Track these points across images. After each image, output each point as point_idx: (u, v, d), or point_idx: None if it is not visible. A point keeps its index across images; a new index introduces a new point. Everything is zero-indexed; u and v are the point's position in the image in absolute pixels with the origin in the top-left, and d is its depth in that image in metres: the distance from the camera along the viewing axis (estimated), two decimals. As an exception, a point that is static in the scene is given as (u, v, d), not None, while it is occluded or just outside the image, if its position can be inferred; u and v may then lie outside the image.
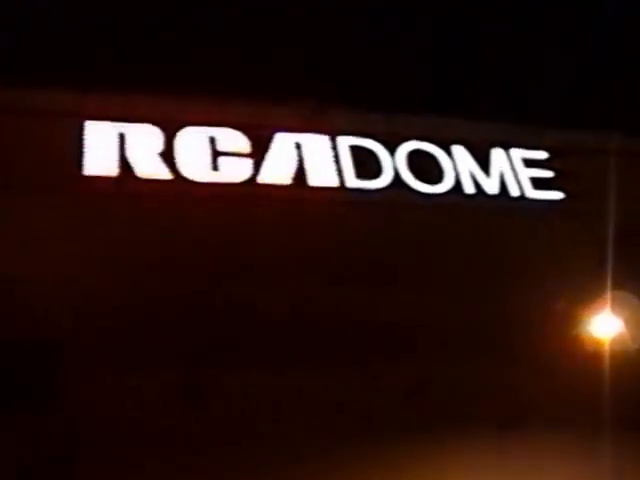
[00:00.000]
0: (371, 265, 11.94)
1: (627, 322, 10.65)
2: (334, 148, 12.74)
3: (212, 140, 12.13)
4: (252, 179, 11.98)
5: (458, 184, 13.14)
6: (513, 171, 13.64)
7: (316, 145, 12.65)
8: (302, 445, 9.91)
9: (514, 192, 13.42)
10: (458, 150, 13.47)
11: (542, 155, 14.07)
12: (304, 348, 10.88)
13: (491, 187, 13.31)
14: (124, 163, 11.44)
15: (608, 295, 10.74)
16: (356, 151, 12.85)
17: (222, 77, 12.49)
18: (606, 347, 10.38)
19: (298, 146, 12.53)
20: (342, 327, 11.40)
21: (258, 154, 12.23)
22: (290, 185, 12.13)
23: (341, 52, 13.32)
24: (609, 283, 11.29)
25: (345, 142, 12.87)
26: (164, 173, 11.58)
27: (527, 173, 13.78)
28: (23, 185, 10.84)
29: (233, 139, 12.20)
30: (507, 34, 14.17)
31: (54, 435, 9.52)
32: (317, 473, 9.66)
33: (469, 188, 13.15)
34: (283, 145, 12.41)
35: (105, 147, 11.45)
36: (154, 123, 11.93)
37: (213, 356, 10.52)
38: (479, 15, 14.13)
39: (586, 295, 11.78)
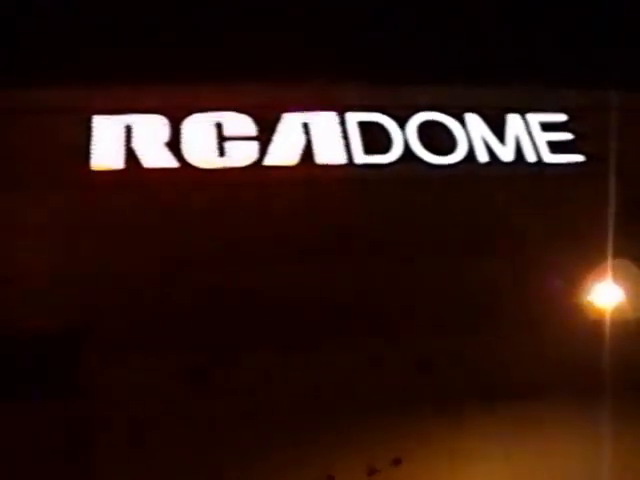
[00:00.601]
0: (380, 241, 11.96)
1: (628, 291, 10.40)
2: (342, 125, 12.76)
3: (219, 125, 12.30)
4: (258, 162, 12.11)
5: (471, 153, 13.00)
6: (530, 136, 13.38)
7: (324, 123, 12.62)
8: (306, 423, 10.10)
9: (531, 158, 13.20)
10: (471, 118, 13.28)
11: (561, 118, 13.78)
12: (314, 328, 11.03)
13: (506, 154, 13.14)
14: (130, 155, 11.72)
15: (609, 263, 10.49)
16: (365, 126, 12.82)
17: (228, 60, 12.60)
18: (607, 316, 10.17)
19: (305, 126, 12.58)
20: (352, 305, 11.49)
21: (265, 136, 12.36)
22: (297, 165, 12.21)
23: (348, 24, 13.25)
24: (613, 250, 11.04)
25: (354, 118, 12.86)
26: (170, 162, 11.81)
27: (545, 137, 13.47)
28: (35, 182, 11.22)
29: (240, 123, 12.29)
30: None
31: (71, 418, 9.95)
32: (318, 452, 9.88)
33: (483, 157, 13.00)
34: (290, 126, 12.44)
35: (112, 140, 11.75)
36: (161, 112, 12.13)
37: (223, 339, 10.78)
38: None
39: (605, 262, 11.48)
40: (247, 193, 11.85)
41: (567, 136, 13.52)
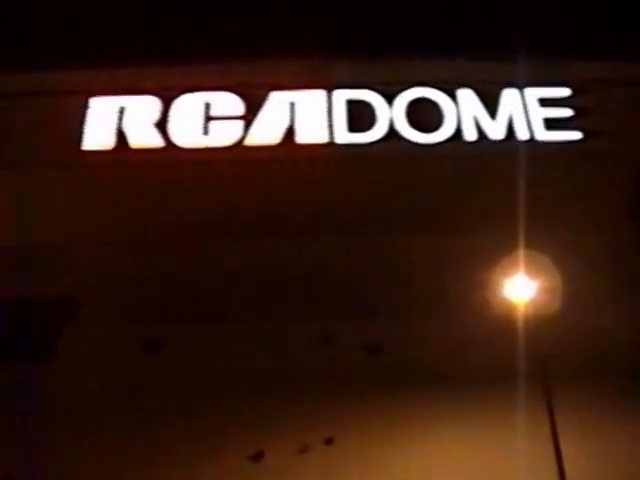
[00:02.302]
0: (349, 219, 12.31)
1: (542, 285, 10.25)
2: (329, 103, 13.02)
3: (207, 105, 12.90)
4: (240, 141, 12.65)
5: (459, 131, 12.92)
6: (525, 112, 13.08)
7: (311, 102, 12.94)
8: (246, 398, 10.80)
9: (522, 135, 12.93)
10: (464, 94, 13.13)
11: (563, 92, 13.32)
12: (268, 305, 11.70)
13: (496, 132, 12.93)
14: (120, 136, 12.57)
15: (522, 258, 10.34)
16: (352, 104, 13.01)
17: (220, 40, 13.11)
18: (523, 310, 10.09)
19: (292, 105, 12.96)
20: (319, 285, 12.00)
21: (250, 116, 12.85)
22: (277, 145, 12.63)
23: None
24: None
25: (342, 96, 13.06)
26: (156, 142, 12.55)
27: (542, 113, 13.12)
28: (33, 161, 12.30)
29: (227, 103, 12.79)
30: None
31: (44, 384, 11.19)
32: (253, 426, 10.62)
33: (470, 135, 12.88)
34: (277, 104, 12.85)
35: (105, 121, 12.61)
36: (154, 93, 12.88)
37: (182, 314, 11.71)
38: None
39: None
40: (227, 172, 12.45)
41: (567, 112, 13.14)
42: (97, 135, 12.53)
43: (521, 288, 10.04)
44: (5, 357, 11.28)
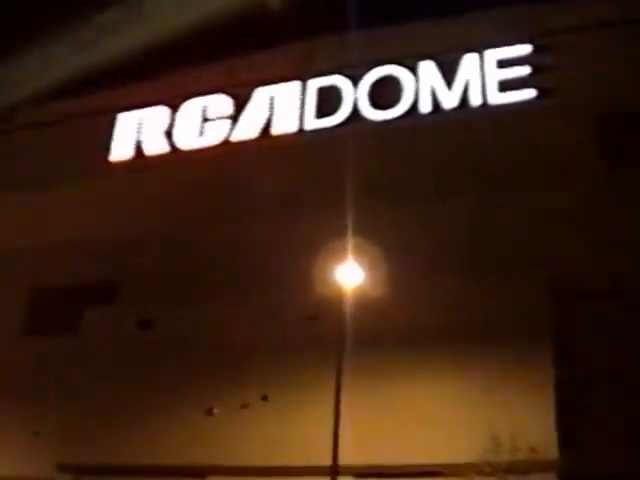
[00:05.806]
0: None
1: (368, 271, 10.59)
2: (303, 93, 14.28)
3: (204, 109, 14.85)
4: (227, 139, 14.41)
5: (415, 105, 13.44)
6: (482, 77, 13.21)
7: (287, 94, 14.35)
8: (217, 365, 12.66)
9: (475, 101, 13.09)
10: (425, 66, 13.60)
11: (524, 50, 13.13)
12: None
13: (450, 101, 13.24)
14: (137, 146, 14.99)
15: (350, 244, 10.71)
16: (322, 91, 14.17)
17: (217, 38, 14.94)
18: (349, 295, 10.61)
19: (272, 99, 14.43)
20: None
21: (237, 113, 14.55)
22: (256, 139, 14.22)
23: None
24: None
25: (314, 84, 14.27)
26: (164, 148, 14.80)
27: (499, 75, 13.16)
28: (69, 173, 15.15)
29: (220, 104, 14.71)
30: None
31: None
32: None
33: (425, 107, 13.35)
34: (259, 100, 14.45)
35: (126, 135, 15.14)
36: (164, 103, 15.11)
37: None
38: None
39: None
40: (216, 168, 14.28)
41: (524, 70, 13.01)
42: (121, 148, 15.08)
43: (350, 274, 10.62)
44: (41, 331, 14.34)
